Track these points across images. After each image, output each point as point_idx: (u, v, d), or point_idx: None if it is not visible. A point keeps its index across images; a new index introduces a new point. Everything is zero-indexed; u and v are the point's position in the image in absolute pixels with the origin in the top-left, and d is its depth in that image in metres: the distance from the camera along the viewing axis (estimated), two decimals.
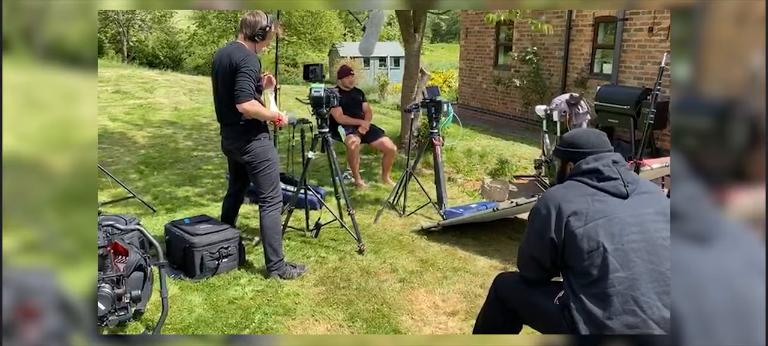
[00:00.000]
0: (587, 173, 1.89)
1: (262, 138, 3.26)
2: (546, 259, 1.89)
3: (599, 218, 1.79)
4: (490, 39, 10.59)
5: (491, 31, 10.48)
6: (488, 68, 10.69)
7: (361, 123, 5.50)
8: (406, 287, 3.18)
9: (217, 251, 3.27)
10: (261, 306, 2.91)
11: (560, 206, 1.84)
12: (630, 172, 1.91)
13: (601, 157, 1.90)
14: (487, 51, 10.70)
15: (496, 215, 3.98)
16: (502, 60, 10.56)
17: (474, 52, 11.07)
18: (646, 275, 1.73)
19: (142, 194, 5.04)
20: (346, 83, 5.57)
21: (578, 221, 1.79)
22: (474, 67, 11.11)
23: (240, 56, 3.07)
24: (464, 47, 11.35)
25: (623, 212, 1.80)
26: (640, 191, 1.87)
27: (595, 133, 2.01)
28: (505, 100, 10.34)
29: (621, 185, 1.85)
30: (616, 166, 1.88)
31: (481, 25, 10.69)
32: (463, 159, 7.08)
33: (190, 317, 2.79)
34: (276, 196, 3.31)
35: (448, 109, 4.61)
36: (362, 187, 5.46)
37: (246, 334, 2.67)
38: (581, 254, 1.77)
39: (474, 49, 11.05)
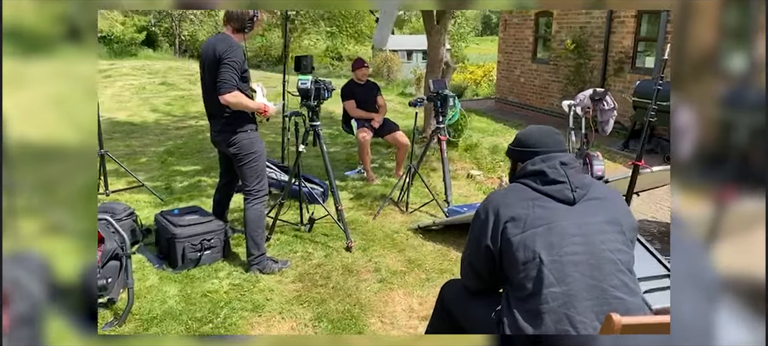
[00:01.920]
0: (531, 175, 1.71)
1: (249, 130, 3.21)
2: (483, 268, 1.73)
3: (538, 226, 1.61)
4: (528, 31, 10.20)
5: (530, 23, 10.09)
6: (526, 61, 10.31)
7: (374, 116, 5.40)
8: (385, 288, 3.06)
9: (200, 243, 3.26)
10: (231, 301, 2.88)
11: (498, 211, 1.67)
12: (582, 175, 1.71)
13: (549, 158, 1.71)
14: (526, 44, 10.31)
15: None
16: (541, 53, 10.14)
17: (512, 45, 10.70)
18: (585, 292, 1.54)
19: (159, 183, 5.16)
20: (359, 76, 5.48)
21: (515, 228, 1.62)
22: (512, 61, 10.74)
23: (223, 47, 3.03)
24: (503, 40, 10.99)
25: (567, 219, 1.62)
26: (591, 197, 1.68)
27: (548, 132, 1.82)
28: (542, 95, 9.93)
29: (567, 190, 1.65)
30: (563, 169, 1.68)
31: (520, 17, 10.32)
32: (487, 156, 6.85)
33: (160, 309, 2.79)
34: (261, 189, 3.27)
35: (454, 102, 4.42)
36: (374, 181, 5.37)
37: (209, 329, 2.64)
38: (517, 264, 1.60)
39: (512, 41, 10.68)
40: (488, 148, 7.09)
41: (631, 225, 1.69)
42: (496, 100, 11.51)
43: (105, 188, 4.63)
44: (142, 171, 5.56)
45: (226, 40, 3.08)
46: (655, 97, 2.74)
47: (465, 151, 6.93)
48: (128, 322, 2.65)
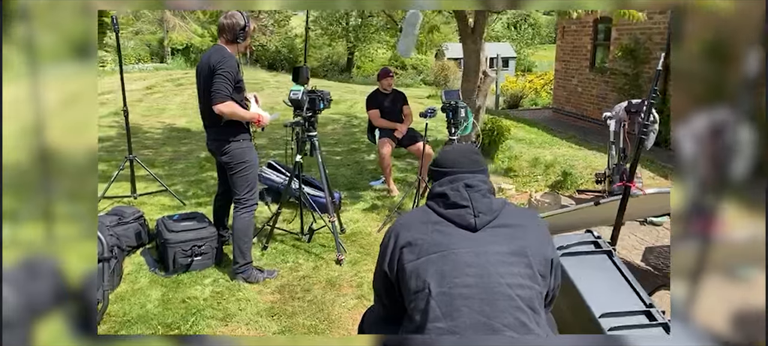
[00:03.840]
0: (435, 197, 1.58)
1: (242, 139, 3.26)
2: (384, 295, 1.62)
3: (433, 253, 1.48)
4: (587, 38, 9.67)
5: (588, 30, 9.57)
6: (584, 70, 9.78)
7: (398, 127, 5.32)
8: (360, 305, 2.98)
9: (191, 249, 3.34)
10: (205, 309, 2.92)
11: (398, 235, 1.55)
12: (490, 199, 1.55)
13: (455, 179, 1.57)
14: (584, 51, 9.78)
15: None
16: (600, 61, 9.58)
17: (570, 53, 10.19)
18: (471, 329, 1.39)
19: (191, 186, 5.37)
20: (384, 86, 5.44)
21: (411, 254, 1.50)
22: (570, 69, 10.23)
23: (217, 58, 3.10)
24: (560, 47, 10.51)
25: (465, 247, 1.47)
26: (499, 223, 1.52)
27: (465, 151, 1.67)
28: (600, 105, 9.37)
29: (469, 214, 1.51)
30: (468, 191, 1.53)
31: (578, 23, 9.81)
32: (524, 168, 6.55)
33: (136, 312, 2.88)
34: (251, 198, 3.30)
35: (466, 114, 4.25)
36: (395, 193, 5.28)
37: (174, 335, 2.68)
38: (409, 293, 1.48)
39: (570, 49, 10.18)
40: (528, 161, 6.77)
41: (543, 257, 1.51)
42: (553, 110, 11.01)
43: (133, 191, 4.88)
44: (177, 175, 5.83)
45: (220, 51, 3.15)
46: (647, 111, 2.46)
47: (501, 163, 6.67)
48: (103, 323, 2.76)
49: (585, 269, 2.36)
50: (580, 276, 2.32)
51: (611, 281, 2.31)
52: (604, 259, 2.42)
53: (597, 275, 2.34)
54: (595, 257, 2.42)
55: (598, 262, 2.40)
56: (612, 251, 2.43)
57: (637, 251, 4.19)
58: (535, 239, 1.52)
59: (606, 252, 2.44)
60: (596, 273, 2.34)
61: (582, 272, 2.34)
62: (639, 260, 4.02)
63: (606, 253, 2.44)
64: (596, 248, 2.45)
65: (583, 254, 2.42)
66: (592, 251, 2.44)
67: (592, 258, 2.41)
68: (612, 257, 2.42)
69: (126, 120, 4.78)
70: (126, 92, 4.89)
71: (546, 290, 1.51)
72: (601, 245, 2.45)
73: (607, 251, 2.44)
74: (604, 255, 2.44)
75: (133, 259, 3.56)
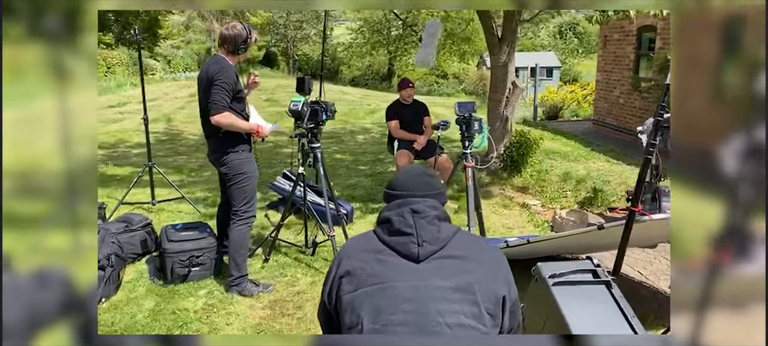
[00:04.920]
0: (382, 223, 1.45)
1: (240, 150, 3.22)
2: (324, 326, 1.50)
3: (371, 285, 1.35)
4: (629, 47, 9.23)
5: (631, 39, 9.12)
6: (626, 81, 9.32)
7: (417, 138, 5.19)
8: None
9: (188, 259, 3.33)
10: (193, 322, 2.88)
11: (340, 263, 1.43)
12: (439, 226, 1.40)
13: (403, 204, 1.44)
14: (626, 61, 9.33)
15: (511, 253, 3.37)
16: (644, 71, 9.11)
17: (612, 63, 9.75)
18: None
19: (213, 194, 5.40)
20: (404, 97, 5.32)
21: (349, 285, 1.38)
22: (611, 80, 9.78)
23: (215, 69, 3.09)
24: (602, 57, 10.08)
25: (404, 280, 1.33)
26: (447, 255, 1.37)
27: (419, 173, 1.53)
28: (643, 117, 8.88)
29: (412, 244, 1.37)
30: (414, 218, 1.39)
31: (621, 32, 9.39)
32: (554, 183, 6.25)
33: (125, 322, 2.87)
34: (248, 211, 3.26)
35: (480, 126, 4.06)
36: None
37: None
38: (344, 329, 1.36)
39: (612, 59, 9.74)
40: (559, 176, 6.47)
41: (494, 295, 1.35)
42: (594, 122, 10.56)
43: (152, 197, 4.96)
44: (202, 182, 5.89)
45: (219, 62, 3.13)
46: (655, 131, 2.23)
47: (530, 177, 6.40)
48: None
49: (578, 301, 2.16)
50: (571, 308, 2.12)
51: (606, 314, 2.11)
52: (603, 290, 2.21)
53: (591, 307, 2.13)
54: (593, 287, 2.22)
55: (594, 293, 2.20)
56: (610, 281, 2.22)
57: (666, 276, 3.89)
58: (485, 274, 1.36)
59: (604, 282, 2.23)
60: (590, 306, 2.14)
61: (575, 303, 2.14)
62: (667, 286, 3.73)
63: (604, 283, 2.23)
64: (594, 278, 2.24)
65: (578, 284, 2.22)
66: (589, 281, 2.23)
67: (588, 289, 2.21)
68: (610, 288, 2.21)
69: (146, 128, 4.87)
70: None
71: (497, 331, 1.35)
72: (599, 275, 2.24)
73: (605, 282, 2.23)
74: (603, 286, 2.23)
75: (137, 267, 3.58)
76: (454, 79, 21.64)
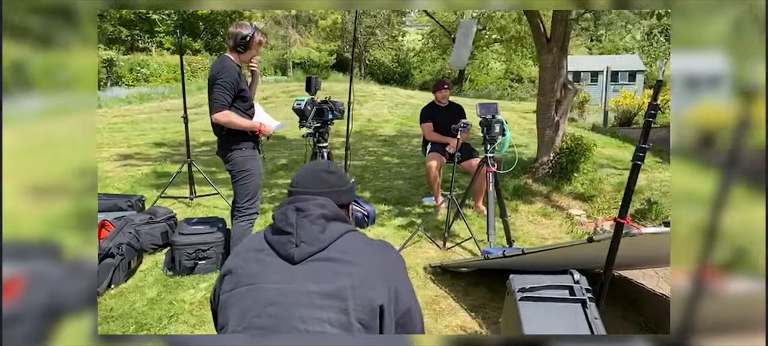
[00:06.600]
0: (272, 221, 1.37)
1: (244, 148, 3.27)
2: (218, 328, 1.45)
3: (245, 285, 1.28)
4: None
5: None
6: None
7: (450, 141, 5.03)
8: None
9: (195, 252, 3.42)
10: (184, 313, 2.94)
11: (228, 260, 1.38)
12: (323, 226, 1.30)
13: (291, 201, 1.35)
14: None
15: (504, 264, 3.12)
16: None
17: None
18: None
19: (263, 192, 5.55)
20: (439, 98, 5.18)
21: (228, 284, 1.32)
22: None
23: (217, 68, 3.15)
24: None
25: (274, 282, 1.25)
26: (326, 257, 1.27)
27: (316, 170, 1.44)
28: None
29: (290, 244, 1.28)
30: (297, 216, 1.31)
31: None
32: (607, 193, 5.82)
33: (122, 309, 2.99)
34: (250, 208, 3.29)
35: (502, 129, 3.85)
36: (442, 210, 4.98)
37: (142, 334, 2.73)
38: (217, 327, 1.31)
39: None
40: (613, 185, 6.02)
41: (369, 304, 1.22)
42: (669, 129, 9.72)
43: (191, 192, 5.18)
44: None
45: (222, 61, 3.19)
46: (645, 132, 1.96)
47: (580, 186, 5.99)
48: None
49: (546, 319, 1.96)
50: (536, 328, 1.93)
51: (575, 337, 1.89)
52: (576, 309, 1.99)
53: (556, 327, 1.92)
54: (565, 305, 2.00)
55: (566, 312, 1.98)
56: (587, 300, 1.99)
57: (666, 277, 3.57)
58: (362, 280, 1.24)
59: (580, 301, 2.00)
60: (556, 325, 1.93)
61: (541, 323, 1.94)
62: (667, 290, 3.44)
63: (580, 302, 2.00)
64: (570, 295, 2.02)
65: (549, 300, 2.01)
66: (562, 298, 2.01)
67: (559, 306, 2.00)
68: (586, 307, 1.98)
69: (185, 127, 5.09)
70: None
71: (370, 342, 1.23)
72: (575, 292, 2.02)
73: (581, 300, 2.00)
74: (578, 304, 2.00)
75: (155, 257, 3.74)
76: (530, 83, 20.85)
